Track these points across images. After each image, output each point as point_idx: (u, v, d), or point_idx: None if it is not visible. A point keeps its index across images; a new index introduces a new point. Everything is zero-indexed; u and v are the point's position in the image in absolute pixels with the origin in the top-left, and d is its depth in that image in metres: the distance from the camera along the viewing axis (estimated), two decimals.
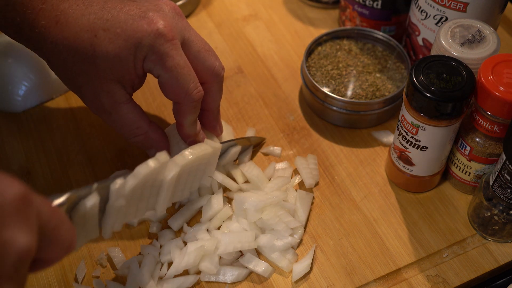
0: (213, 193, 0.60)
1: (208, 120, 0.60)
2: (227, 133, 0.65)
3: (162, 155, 0.51)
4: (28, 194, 0.34)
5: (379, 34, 0.72)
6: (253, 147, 0.66)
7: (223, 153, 0.61)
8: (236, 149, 0.62)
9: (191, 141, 0.57)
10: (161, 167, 0.51)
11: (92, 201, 0.46)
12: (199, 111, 0.57)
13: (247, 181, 0.62)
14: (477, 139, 0.57)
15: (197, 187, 0.58)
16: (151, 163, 0.50)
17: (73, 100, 0.71)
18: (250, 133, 0.67)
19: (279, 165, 0.64)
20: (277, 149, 0.66)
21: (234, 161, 0.63)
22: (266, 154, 0.66)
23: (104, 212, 0.49)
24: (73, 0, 0.52)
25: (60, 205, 0.43)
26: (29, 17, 0.52)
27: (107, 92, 0.53)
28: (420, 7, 0.65)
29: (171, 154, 0.57)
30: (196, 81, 0.54)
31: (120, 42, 0.51)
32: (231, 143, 0.61)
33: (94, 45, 0.51)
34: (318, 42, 0.72)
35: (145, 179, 0.50)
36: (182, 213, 0.59)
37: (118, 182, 0.48)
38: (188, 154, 0.53)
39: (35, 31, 0.52)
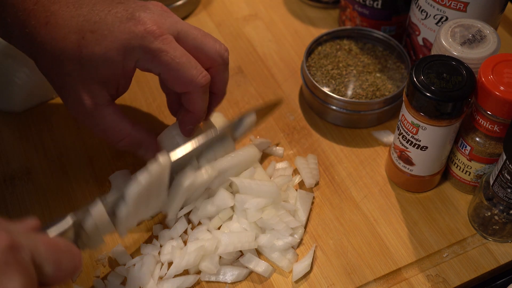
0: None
1: (211, 103, 0.59)
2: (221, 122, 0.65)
3: (164, 157, 0.52)
4: (14, 243, 0.34)
5: (379, 34, 0.72)
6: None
7: (236, 125, 0.60)
8: (251, 119, 0.60)
9: (190, 129, 0.57)
10: (164, 168, 0.52)
11: (98, 211, 0.50)
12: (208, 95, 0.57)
13: None
14: (477, 139, 0.57)
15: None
16: (153, 168, 0.51)
17: None
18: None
19: (280, 165, 0.64)
20: (279, 149, 0.66)
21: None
22: (268, 154, 0.66)
23: (114, 215, 0.51)
24: (63, 2, 0.53)
25: (64, 232, 0.47)
26: (20, 18, 0.52)
27: (88, 93, 0.53)
28: (420, 7, 0.65)
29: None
30: (198, 67, 0.54)
31: (106, 43, 0.51)
32: (244, 114, 0.60)
33: (81, 47, 0.52)
34: (318, 42, 0.72)
35: (149, 184, 0.51)
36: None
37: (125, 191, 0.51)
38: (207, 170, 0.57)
39: (25, 31, 0.53)
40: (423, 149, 0.57)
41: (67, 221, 0.47)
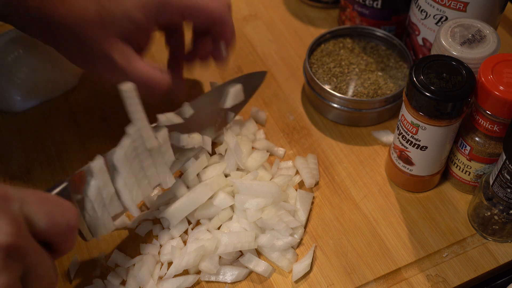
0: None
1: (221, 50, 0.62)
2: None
3: (138, 114, 0.53)
4: (1, 192, 0.36)
5: (382, 33, 0.72)
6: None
7: (220, 98, 0.60)
8: (237, 88, 0.60)
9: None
10: (142, 126, 0.53)
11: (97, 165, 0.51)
12: None
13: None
14: (477, 139, 0.57)
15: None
16: (130, 129, 0.53)
17: (73, 100, 0.71)
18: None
19: (284, 164, 0.64)
20: (280, 150, 0.66)
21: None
22: (270, 154, 0.66)
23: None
24: None
25: (62, 190, 0.48)
26: (36, 0, 0.53)
27: (117, 51, 0.54)
28: (420, 7, 0.65)
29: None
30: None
31: (125, 2, 0.54)
32: (227, 84, 0.60)
33: (100, 11, 0.53)
34: (321, 40, 0.72)
35: (134, 146, 0.53)
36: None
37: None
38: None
39: (42, 12, 0.53)
40: (423, 149, 0.57)
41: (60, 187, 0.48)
